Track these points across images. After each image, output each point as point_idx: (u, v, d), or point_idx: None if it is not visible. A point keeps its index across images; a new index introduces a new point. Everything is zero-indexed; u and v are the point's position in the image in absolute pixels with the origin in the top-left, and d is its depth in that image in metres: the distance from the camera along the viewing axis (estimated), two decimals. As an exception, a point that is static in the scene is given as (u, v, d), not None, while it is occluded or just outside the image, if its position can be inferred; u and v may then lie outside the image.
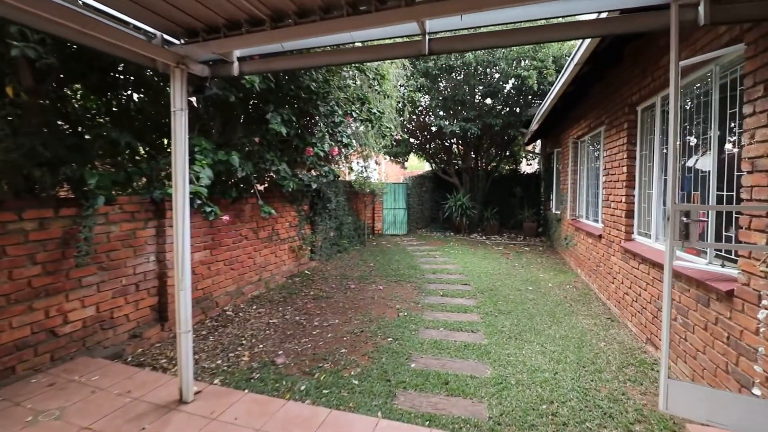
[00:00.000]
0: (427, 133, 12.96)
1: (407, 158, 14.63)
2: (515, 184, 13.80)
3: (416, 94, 7.49)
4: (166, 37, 2.65)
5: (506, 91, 11.20)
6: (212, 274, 4.83)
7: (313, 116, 5.16)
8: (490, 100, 11.49)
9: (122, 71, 4.47)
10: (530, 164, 17.17)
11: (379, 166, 12.00)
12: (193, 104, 4.93)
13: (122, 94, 4.69)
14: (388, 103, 7.27)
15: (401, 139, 11.87)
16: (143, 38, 2.55)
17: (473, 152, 13.16)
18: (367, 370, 3.37)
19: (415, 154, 14.39)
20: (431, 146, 13.77)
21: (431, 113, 11.79)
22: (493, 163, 13.75)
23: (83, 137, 3.98)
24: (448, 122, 10.86)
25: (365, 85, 6.19)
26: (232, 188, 4.60)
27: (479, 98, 11.50)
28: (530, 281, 6.42)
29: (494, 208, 12.67)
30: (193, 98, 3.17)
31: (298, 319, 4.62)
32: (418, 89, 7.56)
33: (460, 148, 13.63)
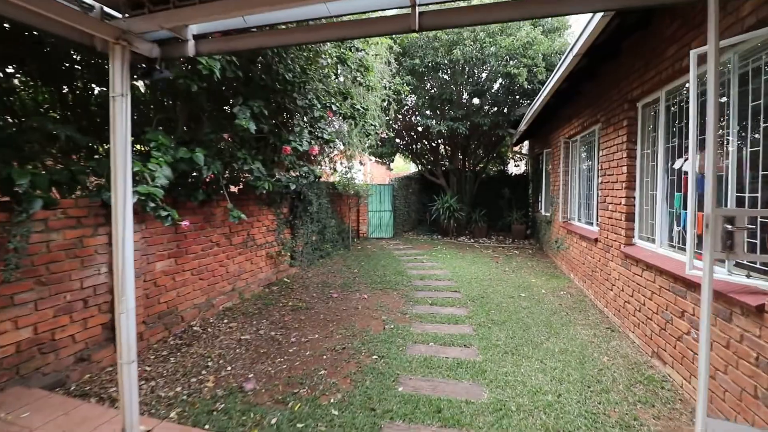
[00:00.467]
0: (413, 133, 12.63)
1: (393, 159, 14.26)
2: (503, 185, 13.57)
3: (403, 87, 7.11)
4: (106, 9, 2.21)
5: (494, 90, 10.95)
6: (177, 285, 4.34)
7: (291, 112, 4.73)
8: (477, 100, 11.23)
9: (79, 60, 3.99)
10: (518, 165, 17.04)
11: (364, 166, 11.60)
12: (157, 96, 4.46)
13: (76, 85, 4.20)
14: (372, 99, 6.88)
15: (387, 138, 11.48)
16: (77, 9, 2.10)
17: (461, 153, 12.88)
18: (348, 396, 2.97)
19: (401, 154, 14.02)
20: (418, 147, 13.44)
21: (418, 113, 11.45)
22: (480, 164, 13.50)
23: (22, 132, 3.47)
24: (435, 122, 10.53)
25: (348, 79, 5.79)
26: (198, 190, 4.13)
27: (467, 98, 11.22)
28: (522, 287, 6.12)
29: (482, 210, 12.40)
30: (141, 83, 2.72)
31: (273, 334, 4.17)
32: (404, 84, 7.18)
33: (447, 148, 13.34)
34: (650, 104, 4.07)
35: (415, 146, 13.40)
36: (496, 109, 11.21)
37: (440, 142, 12.96)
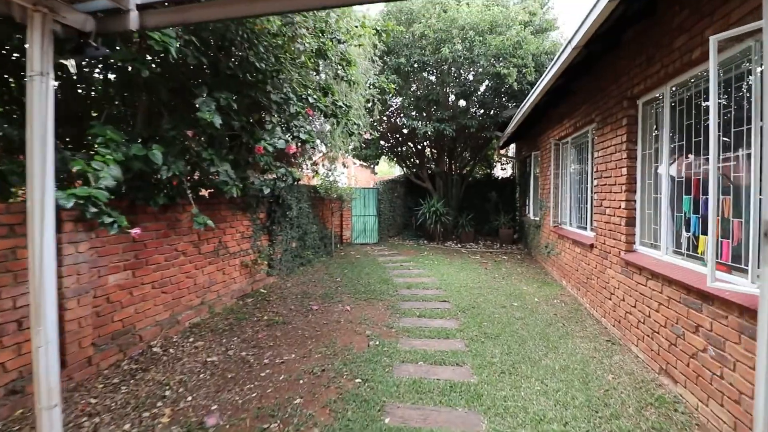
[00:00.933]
0: (398, 135, 12.29)
1: (377, 162, 13.88)
2: (490, 189, 13.35)
3: (389, 85, 6.74)
4: (25, -30, 1.79)
5: (481, 92, 10.73)
6: (135, 300, 3.85)
7: (266, 108, 4.31)
8: (464, 101, 10.98)
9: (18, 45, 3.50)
10: (504, 169, 16.91)
11: (347, 168, 11.19)
12: (108, 88, 3.97)
13: (21, 74, 3.70)
14: (355, 97, 6.50)
15: (371, 139, 11.11)
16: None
17: (447, 156, 12.61)
18: (327, 431, 2.56)
19: (386, 157, 13.65)
20: (403, 149, 13.11)
21: (403, 114, 11.12)
22: (467, 167, 13.26)
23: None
24: (421, 123, 10.22)
25: (329, 75, 5.40)
26: (159, 193, 3.67)
27: (453, 99, 10.96)
28: (514, 295, 5.81)
29: (469, 214, 12.13)
30: (71, 62, 2.28)
31: (244, 354, 3.73)
32: (390, 83, 6.82)
33: (433, 151, 13.04)
34: (652, 101, 3.81)
35: (400, 148, 13.07)
36: (483, 111, 10.98)
37: (426, 144, 12.66)
